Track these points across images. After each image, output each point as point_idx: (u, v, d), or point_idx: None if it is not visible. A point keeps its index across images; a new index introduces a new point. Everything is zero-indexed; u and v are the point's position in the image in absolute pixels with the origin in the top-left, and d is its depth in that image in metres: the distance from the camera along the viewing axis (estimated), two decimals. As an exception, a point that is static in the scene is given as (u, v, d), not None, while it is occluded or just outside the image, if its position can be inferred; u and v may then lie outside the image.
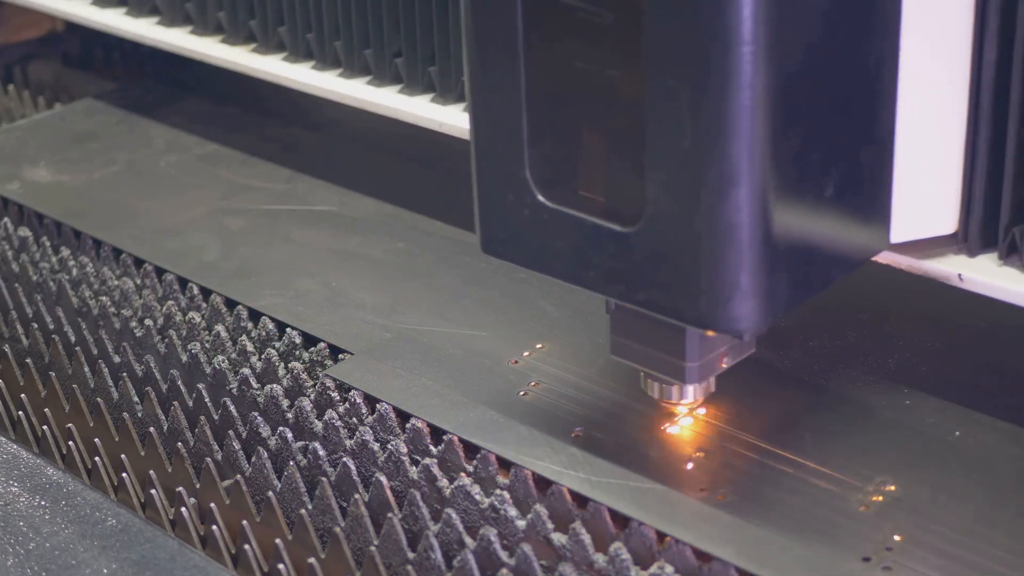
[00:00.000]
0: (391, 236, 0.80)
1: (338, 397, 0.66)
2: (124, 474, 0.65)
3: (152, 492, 0.64)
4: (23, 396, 0.71)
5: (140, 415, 0.68)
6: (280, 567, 0.59)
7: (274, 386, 0.67)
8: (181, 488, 0.63)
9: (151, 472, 0.65)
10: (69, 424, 0.69)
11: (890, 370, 0.65)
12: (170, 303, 0.75)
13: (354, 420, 0.65)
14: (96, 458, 0.66)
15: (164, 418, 0.68)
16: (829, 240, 0.55)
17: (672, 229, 0.52)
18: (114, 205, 0.85)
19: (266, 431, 0.65)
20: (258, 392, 0.67)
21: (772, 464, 0.60)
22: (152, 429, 0.66)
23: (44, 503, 0.63)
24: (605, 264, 0.55)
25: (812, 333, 0.68)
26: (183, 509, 0.63)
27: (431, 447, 0.62)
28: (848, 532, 0.56)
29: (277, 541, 0.60)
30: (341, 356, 0.69)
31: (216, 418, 0.67)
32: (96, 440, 0.67)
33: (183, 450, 0.65)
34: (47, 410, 0.70)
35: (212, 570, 0.59)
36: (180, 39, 0.88)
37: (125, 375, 0.70)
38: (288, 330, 0.71)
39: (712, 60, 0.49)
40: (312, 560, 0.59)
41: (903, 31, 0.55)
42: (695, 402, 0.61)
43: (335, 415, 0.64)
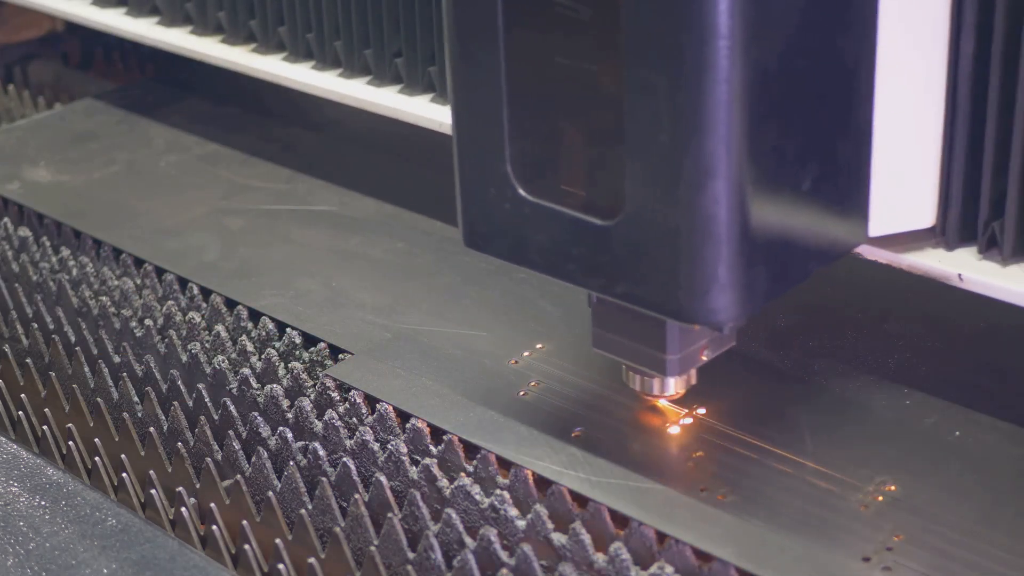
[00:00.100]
0: (391, 236, 0.80)
1: (338, 397, 0.66)
2: (124, 474, 0.65)
3: (152, 492, 0.64)
4: (23, 396, 0.71)
5: (140, 415, 0.68)
6: (280, 567, 0.59)
7: (274, 386, 0.66)
8: (181, 488, 0.63)
9: (151, 472, 0.65)
10: (69, 424, 0.69)
11: (890, 370, 0.65)
12: (170, 303, 0.75)
13: (354, 420, 0.65)
14: (96, 458, 0.66)
15: (164, 418, 0.68)
16: (807, 233, 0.55)
17: (650, 222, 0.53)
18: (114, 205, 0.85)
19: (266, 431, 0.65)
20: (258, 392, 0.67)
21: (772, 464, 0.60)
22: (152, 429, 0.66)
23: (44, 503, 0.63)
24: (585, 257, 0.55)
25: (812, 333, 0.68)
26: (183, 509, 0.63)
27: (431, 447, 0.62)
28: (848, 532, 0.56)
29: (277, 541, 0.60)
30: (341, 356, 0.69)
31: (216, 418, 0.67)
32: (96, 440, 0.67)
33: (183, 450, 0.65)
34: (47, 410, 0.70)
35: (212, 570, 0.59)
36: (180, 39, 0.88)
37: (125, 375, 0.70)
38: (288, 330, 0.71)
39: (689, 54, 0.50)
40: (312, 560, 0.59)
41: (880, 24, 0.55)
42: (675, 394, 0.61)
43: (335, 415, 0.64)
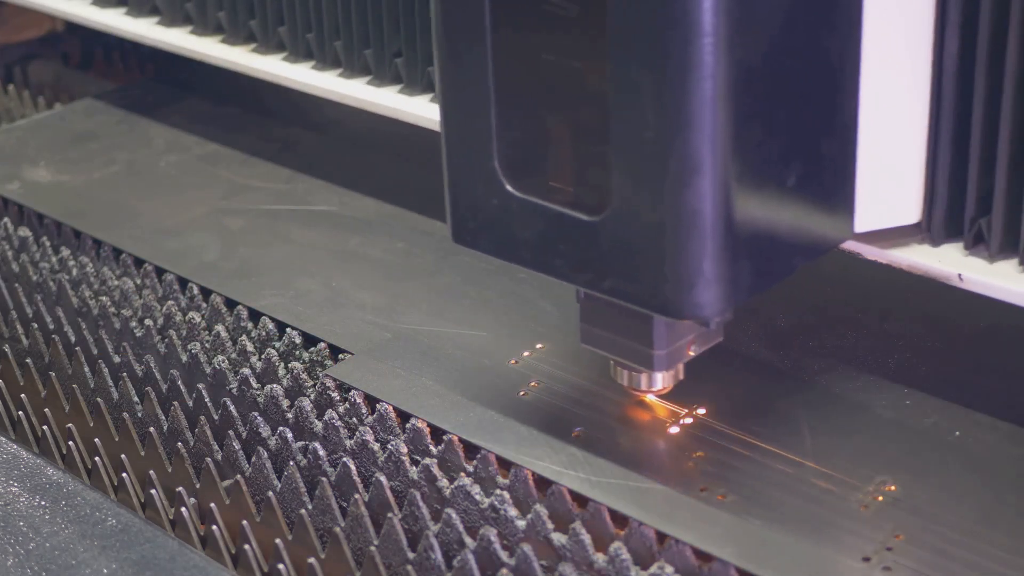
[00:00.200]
0: (391, 236, 0.80)
1: (338, 397, 0.66)
2: (124, 474, 0.65)
3: (152, 492, 0.64)
4: (23, 396, 0.71)
5: (140, 415, 0.68)
6: (280, 567, 0.59)
7: (274, 386, 0.66)
8: (181, 488, 0.63)
9: (151, 472, 0.65)
10: (69, 424, 0.69)
11: (890, 370, 0.65)
12: (170, 303, 0.75)
13: (354, 420, 0.65)
14: (96, 458, 0.66)
15: (164, 418, 0.68)
16: (792, 229, 0.55)
17: (636, 218, 0.53)
18: (114, 205, 0.85)
19: (266, 431, 0.65)
20: (258, 392, 0.67)
21: (772, 464, 0.60)
22: (152, 429, 0.66)
23: (44, 503, 0.63)
24: (572, 253, 0.55)
25: (812, 333, 0.68)
26: (183, 509, 0.63)
27: (431, 447, 0.62)
28: (848, 532, 0.56)
29: (277, 541, 0.60)
30: (341, 356, 0.69)
31: (216, 418, 0.67)
32: (96, 440, 0.67)
33: (183, 450, 0.65)
34: (47, 410, 0.70)
35: (212, 570, 0.59)
36: (180, 39, 0.88)
37: (125, 375, 0.70)
38: (288, 330, 0.71)
39: (674, 52, 0.50)
40: (312, 560, 0.59)
41: (865, 21, 0.55)
42: (663, 389, 0.61)
43: (335, 415, 0.64)
